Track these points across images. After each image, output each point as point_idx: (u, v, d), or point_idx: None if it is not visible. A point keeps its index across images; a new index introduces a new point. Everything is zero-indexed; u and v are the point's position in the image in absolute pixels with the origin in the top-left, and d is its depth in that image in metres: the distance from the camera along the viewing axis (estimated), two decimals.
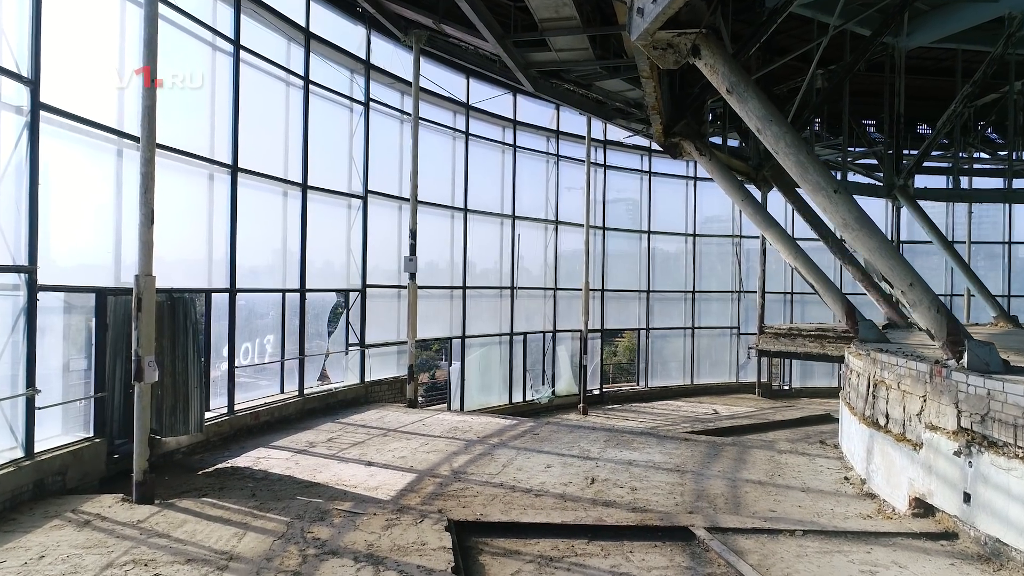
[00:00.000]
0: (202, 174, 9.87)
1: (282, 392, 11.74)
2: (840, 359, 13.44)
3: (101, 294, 7.67)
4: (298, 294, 11.81)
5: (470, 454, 9.31)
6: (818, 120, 18.39)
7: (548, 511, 6.82)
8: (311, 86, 11.98)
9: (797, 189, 13.84)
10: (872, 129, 21.11)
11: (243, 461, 8.75)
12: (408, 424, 11.23)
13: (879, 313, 13.97)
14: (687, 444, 10.12)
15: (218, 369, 10.35)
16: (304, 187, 11.82)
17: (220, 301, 10.14)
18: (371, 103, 13.58)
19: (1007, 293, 23.11)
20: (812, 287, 10.38)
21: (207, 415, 9.72)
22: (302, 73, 11.81)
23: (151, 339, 6.55)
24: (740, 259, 22.75)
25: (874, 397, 7.64)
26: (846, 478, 8.29)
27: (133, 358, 6.48)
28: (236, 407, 10.25)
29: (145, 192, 6.53)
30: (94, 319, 7.60)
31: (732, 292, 22.87)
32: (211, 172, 9.96)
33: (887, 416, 7.26)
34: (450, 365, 16.61)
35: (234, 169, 10.14)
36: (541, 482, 7.97)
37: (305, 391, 11.91)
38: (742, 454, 9.58)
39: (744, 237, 22.75)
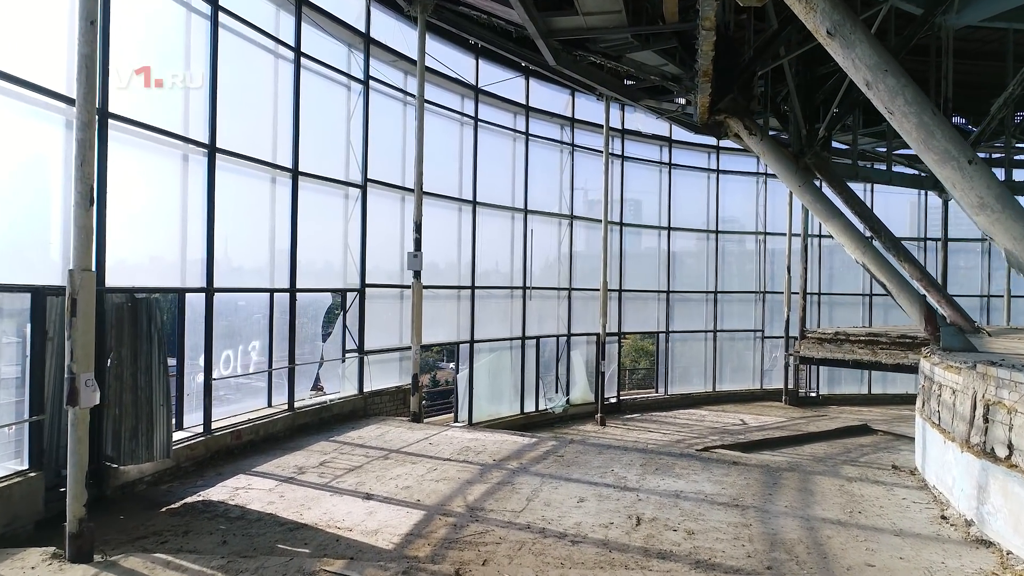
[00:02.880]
0: (174, 155, 8.49)
1: (269, 406, 10.35)
2: (896, 367, 12.06)
3: (39, 294, 6.26)
4: (288, 294, 10.41)
5: (487, 483, 7.91)
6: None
7: (593, 570, 5.41)
8: (303, 59, 10.59)
9: (845, 180, 12.43)
10: None
11: (218, 493, 7.34)
12: (413, 443, 9.83)
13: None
14: (737, 469, 8.71)
15: (194, 381, 8.97)
16: (295, 173, 10.43)
17: (196, 303, 8.75)
18: (371, 81, 12.19)
19: None
20: (883, 287, 9.00)
21: (179, 436, 8.35)
22: (293, 44, 10.41)
23: (89, 352, 5.15)
24: (765, 257, 21.36)
25: (986, 421, 6.24)
26: (943, 517, 6.88)
27: (66, 376, 5.08)
28: (214, 425, 8.85)
29: (82, 164, 5.13)
30: (29, 325, 6.20)
31: (755, 293, 21.46)
32: (185, 152, 8.58)
33: (1010, 447, 5.85)
34: (457, 372, 15.21)
35: (212, 149, 8.75)
36: (576, 523, 6.57)
37: (296, 405, 10.52)
38: (805, 483, 8.17)
39: (769, 234, 21.34)
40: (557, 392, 17.34)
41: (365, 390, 11.98)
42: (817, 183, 13.96)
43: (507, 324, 16.08)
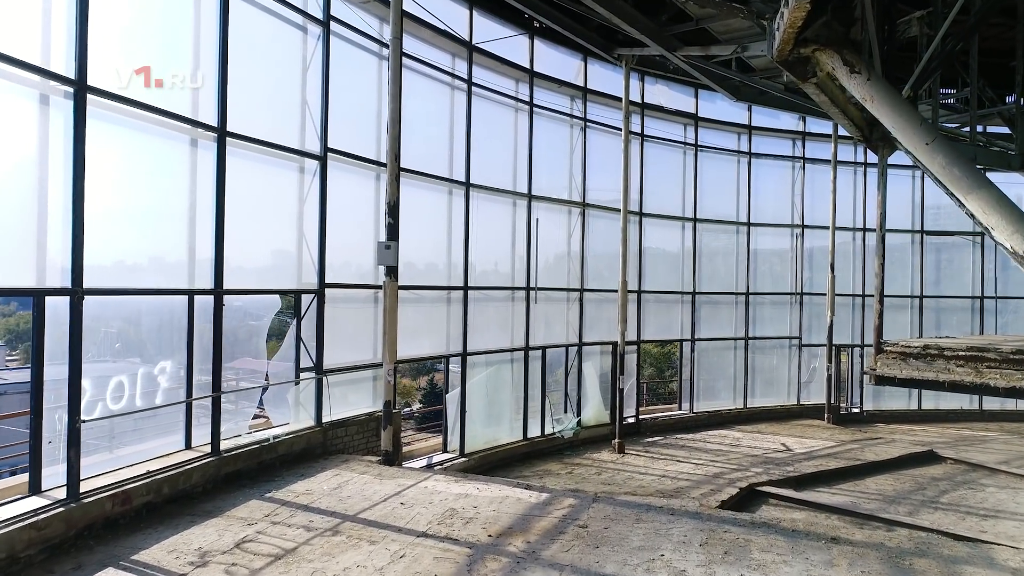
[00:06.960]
0: (27, 95, 5.81)
1: (188, 448, 7.67)
2: (1011, 392, 9.33)
3: None
4: (211, 296, 7.72)
5: None
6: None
7: None
8: None
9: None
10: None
11: None
12: (378, 503, 7.14)
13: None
14: (843, 554, 6.01)
15: (60, 422, 6.28)
16: (221, 133, 7.74)
17: (58, 309, 6.07)
18: (335, 24, 9.51)
19: None
20: None
21: (24, 506, 5.67)
22: None
23: None
24: (803, 254, 18.67)
25: None
26: None
27: None
28: (87, 485, 6.17)
29: None
30: None
31: (791, 295, 18.77)
32: (43, 92, 5.90)
33: None
34: (447, 391, 12.52)
35: (81, 87, 6.05)
36: None
37: (225, 445, 7.83)
38: None
39: (808, 227, 18.66)
40: (566, 412, 14.65)
41: (325, 420, 9.28)
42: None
43: (507, 332, 13.38)
